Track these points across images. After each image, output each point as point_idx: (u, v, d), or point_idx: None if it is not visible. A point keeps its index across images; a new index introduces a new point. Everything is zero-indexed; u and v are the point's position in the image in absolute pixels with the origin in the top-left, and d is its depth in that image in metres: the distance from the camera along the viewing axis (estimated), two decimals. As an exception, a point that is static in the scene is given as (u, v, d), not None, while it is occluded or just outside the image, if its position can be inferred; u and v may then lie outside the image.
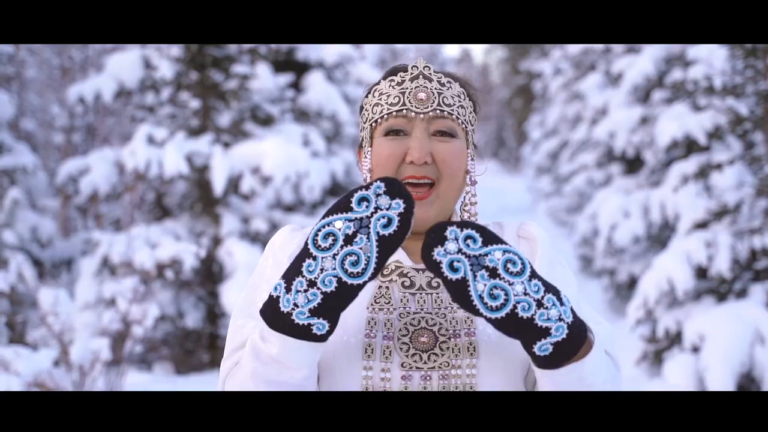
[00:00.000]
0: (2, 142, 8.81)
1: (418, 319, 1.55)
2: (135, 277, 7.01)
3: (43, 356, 6.21)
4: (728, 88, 8.34)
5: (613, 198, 10.90)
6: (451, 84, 1.66)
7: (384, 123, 1.62)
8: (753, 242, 7.64)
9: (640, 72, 11.10)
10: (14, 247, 8.32)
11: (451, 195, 1.64)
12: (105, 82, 8.90)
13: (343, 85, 12.41)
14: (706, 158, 8.45)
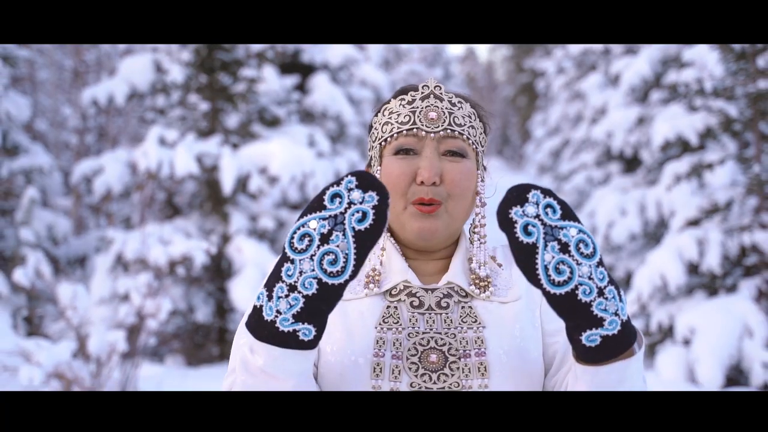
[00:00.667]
0: (19, 144, 9.12)
1: (428, 339, 1.54)
2: (148, 273, 7.31)
3: (62, 348, 6.51)
4: (719, 90, 8.62)
5: (610, 196, 11.15)
6: (462, 104, 1.66)
7: (394, 142, 1.62)
8: (743, 239, 7.92)
9: (637, 73, 11.36)
10: (31, 244, 8.64)
11: (460, 215, 1.63)
12: (117, 85, 9.21)
13: (348, 87, 12.67)
14: (698, 158, 8.72)
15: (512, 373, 1.53)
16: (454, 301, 1.59)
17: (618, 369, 1.37)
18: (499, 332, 1.56)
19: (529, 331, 1.59)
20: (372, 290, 1.59)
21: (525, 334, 1.58)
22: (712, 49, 8.72)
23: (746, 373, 7.41)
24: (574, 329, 1.34)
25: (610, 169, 13.65)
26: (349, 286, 1.52)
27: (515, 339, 1.56)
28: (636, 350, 1.38)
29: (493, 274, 1.66)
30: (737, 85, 8.29)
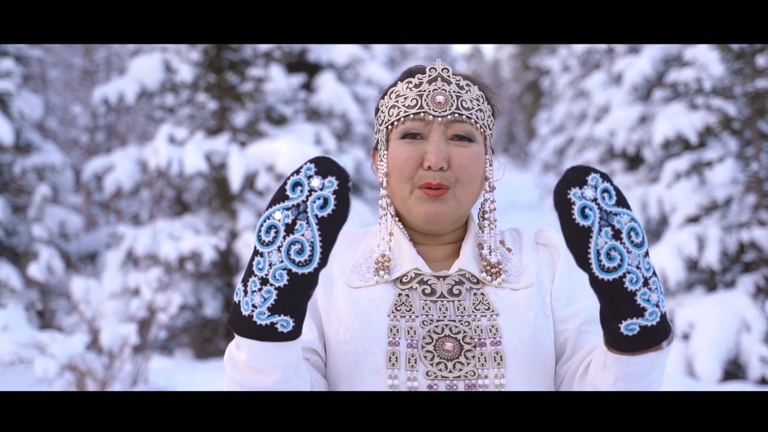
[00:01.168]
0: (31, 142, 9.30)
1: (442, 327, 1.52)
2: (159, 268, 7.49)
3: (76, 341, 6.69)
4: (718, 90, 8.77)
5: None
6: (470, 87, 1.63)
7: (400, 126, 1.61)
8: (741, 236, 8.06)
9: (639, 72, 11.50)
10: (44, 240, 8.83)
11: (467, 199, 1.61)
12: (128, 84, 9.39)
13: (354, 85, 12.82)
14: (698, 156, 8.86)
15: (527, 362, 1.52)
16: (465, 288, 1.58)
17: (649, 360, 1.36)
18: (512, 320, 1.54)
19: (541, 318, 1.57)
20: (382, 277, 1.57)
21: (538, 321, 1.57)
22: (712, 49, 8.86)
23: (744, 367, 7.55)
24: (614, 317, 1.33)
25: (613, 167, 13.80)
26: (359, 273, 1.61)
27: (529, 327, 1.55)
28: (664, 345, 1.37)
29: (504, 259, 1.64)
30: (736, 85, 8.44)
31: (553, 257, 1.66)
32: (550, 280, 1.63)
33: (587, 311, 1.61)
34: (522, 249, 1.67)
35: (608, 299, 1.32)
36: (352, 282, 1.60)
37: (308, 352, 1.55)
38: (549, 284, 1.63)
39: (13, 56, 9.12)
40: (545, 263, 1.65)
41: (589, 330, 1.59)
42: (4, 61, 8.91)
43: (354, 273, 1.61)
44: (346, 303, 1.57)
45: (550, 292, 1.63)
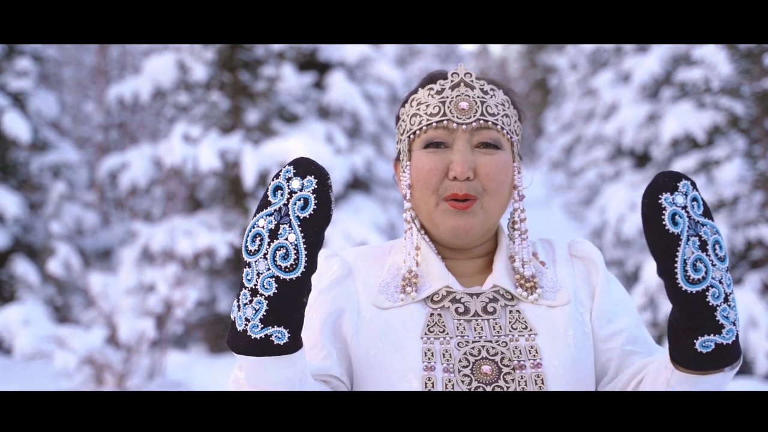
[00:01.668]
0: (48, 140, 9.45)
1: (478, 349, 1.45)
2: (175, 264, 7.63)
3: (94, 335, 6.85)
4: (726, 89, 8.87)
5: (621, 192, 11.39)
6: (495, 92, 1.57)
7: (423, 135, 1.54)
8: (749, 233, 8.17)
9: (648, 71, 11.56)
10: (61, 237, 8.98)
11: (496, 210, 1.54)
12: (143, 83, 9.53)
13: (364, 84, 12.92)
14: (705, 155, 8.96)
15: (569, 385, 1.45)
16: (500, 306, 1.51)
17: (717, 381, 1.31)
18: (551, 340, 1.48)
19: (580, 337, 1.50)
20: (409, 294, 1.50)
21: (577, 341, 1.49)
22: (720, 49, 8.95)
23: (750, 363, 7.66)
24: (691, 332, 1.27)
25: (621, 165, 13.87)
26: (386, 293, 1.52)
27: (569, 347, 1.48)
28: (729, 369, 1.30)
29: (538, 273, 1.57)
30: (744, 84, 8.54)
31: (589, 271, 1.59)
32: (589, 296, 1.56)
33: (630, 329, 1.55)
34: (556, 262, 1.60)
35: (688, 313, 1.26)
36: (381, 303, 1.51)
37: (326, 377, 1.47)
38: (587, 300, 1.56)
39: (30, 55, 9.26)
40: (581, 277, 1.59)
41: (635, 349, 1.54)
42: (21, 60, 9.06)
43: (382, 293, 1.53)
44: (375, 325, 1.49)
45: (589, 310, 1.55)
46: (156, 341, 7.09)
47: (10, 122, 8.58)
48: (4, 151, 9.07)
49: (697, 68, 9.43)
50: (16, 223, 8.80)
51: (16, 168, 9.21)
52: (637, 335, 1.54)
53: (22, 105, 9.11)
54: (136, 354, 6.92)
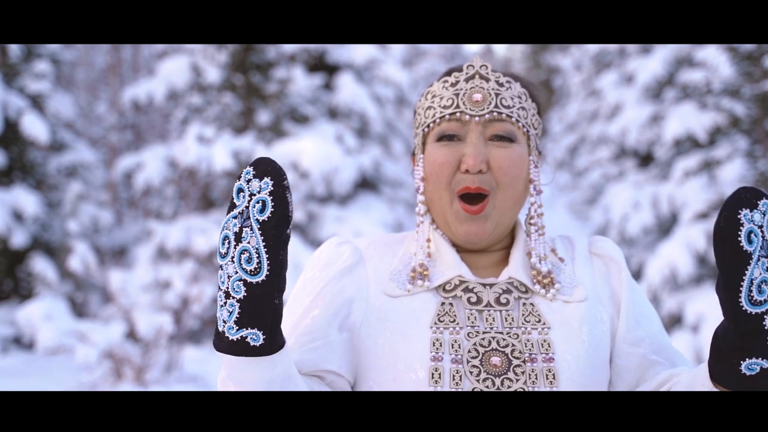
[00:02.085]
0: (64, 140, 9.68)
1: (489, 340, 1.42)
2: (191, 260, 7.85)
3: (114, 330, 7.06)
4: (727, 90, 9.07)
5: (624, 191, 11.58)
6: (511, 84, 1.54)
7: (436, 127, 1.52)
8: (748, 232, 8.35)
9: (651, 72, 11.74)
10: (78, 235, 9.21)
11: (509, 206, 1.52)
12: (157, 85, 9.75)
13: (371, 85, 13.12)
14: (707, 155, 9.16)
15: (581, 382, 1.42)
16: (514, 298, 1.48)
17: None
18: (566, 335, 1.44)
19: (596, 335, 1.47)
20: (420, 286, 1.48)
21: (592, 338, 1.46)
22: (722, 52, 9.15)
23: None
24: (739, 352, 1.24)
25: (625, 165, 14.05)
26: (398, 281, 1.50)
27: (583, 344, 1.44)
28: None
29: (556, 269, 1.55)
30: (744, 86, 8.73)
31: (609, 270, 1.57)
32: (609, 296, 1.54)
33: (656, 336, 1.54)
34: (575, 259, 1.58)
35: (742, 332, 1.22)
36: (391, 291, 1.49)
37: (320, 372, 1.47)
38: (607, 300, 1.54)
39: (47, 58, 9.49)
40: (600, 276, 1.57)
41: (659, 359, 1.52)
42: (39, 63, 9.29)
43: (393, 281, 1.51)
44: (384, 314, 1.47)
45: (609, 310, 1.53)
46: (173, 336, 7.30)
47: (29, 124, 8.80)
48: (23, 152, 9.30)
49: (699, 70, 9.63)
50: (34, 222, 9.03)
51: (34, 168, 9.43)
52: (662, 344, 1.53)
53: (40, 107, 9.33)
54: (154, 348, 7.13)
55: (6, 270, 9.14)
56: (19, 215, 8.81)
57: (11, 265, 9.15)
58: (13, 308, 8.89)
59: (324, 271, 1.51)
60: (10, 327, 8.66)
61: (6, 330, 8.61)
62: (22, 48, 9.29)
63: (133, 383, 6.99)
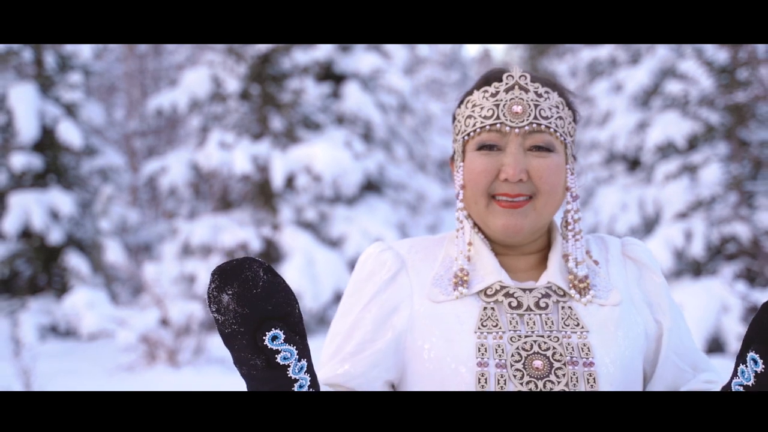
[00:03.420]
0: (94, 146, 10.50)
1: (530, 343, 1.44)
2: (218, 254, 8.66)
3: (149, 317, 7.86)
4: (705, 100, 9.88)
5: (613, 194, 12.34)
6: (549, 94, 1.55)
7: (477, 137, 1.54)
8: (724, 230, 9.15)
9: (638, 83, 12.50)
10: (109, 233, 10.03)
11: (548, 210, 1.53)
12: (180, 95, 10.56)
13: (376, 94, 13.85)
14: (686, 159, 9.96)
15: (619, 385, 1.44)
16: (552, 301, 1.50)
17: None
18: (603, 338, 1.46)
19: (631, 338, 1.49)
20: (462, 294, 1.50)
21: (628, 342, 1.48)
22: (700, 65, 9.95)
23: (724, 344, 8.61)
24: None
25: (615, 169, 14.76)
26: (440, 286, 1.54)
27: (619, 347, 1.46)
28: None
29: (591, 273, 1.57)
30: (720, 97, 9.55)
31: (643, 275, 1.59)
32: (643, 301, 1.55)
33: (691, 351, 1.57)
34: (609, 261, 1.60)
35: None
36: (435, 296, 1.52)
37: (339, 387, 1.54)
38: (642, 305, 1.55)
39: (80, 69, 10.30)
40: (634, 279, 1.58)
41: (691, 372, 1.56)
42: (73, 75, 10.10)
43: (436, 286, 1.54)
44: (428, 319, 1.49)
45: (647, 315, 1.55)
46: (203, 322, 8.09)
47: (65, 130, 9.61)
48: (57, 156, 10.11)
49: (679, 81, 10.44)
50: (69, 221, 9.84)
51: (67, 171, 10.24)
52: (697, 359, 1.57)
53: (74, 115, 10.14)
54: (185, 333, 7.91)
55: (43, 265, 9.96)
56: (56, 214, 9.60)
57: (47, 261, 9.96)
58: (49, 301, 9.70)
59: (369, 283, 1.56)
60: (46, 317, 9.46)
61: (43, 319, 9.41)
62: (57, 60, 10.10)
63: (166, 364, 7.78)
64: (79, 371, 7.61)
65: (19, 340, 8.48)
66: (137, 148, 14.67)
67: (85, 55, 10.10)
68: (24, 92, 9.53)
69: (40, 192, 9.63)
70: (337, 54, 11.82)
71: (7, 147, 9.84)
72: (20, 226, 9.42)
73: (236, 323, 1.19)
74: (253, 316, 1.19)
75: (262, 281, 1.19)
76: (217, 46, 10.69)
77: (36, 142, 9.83)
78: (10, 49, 9.70)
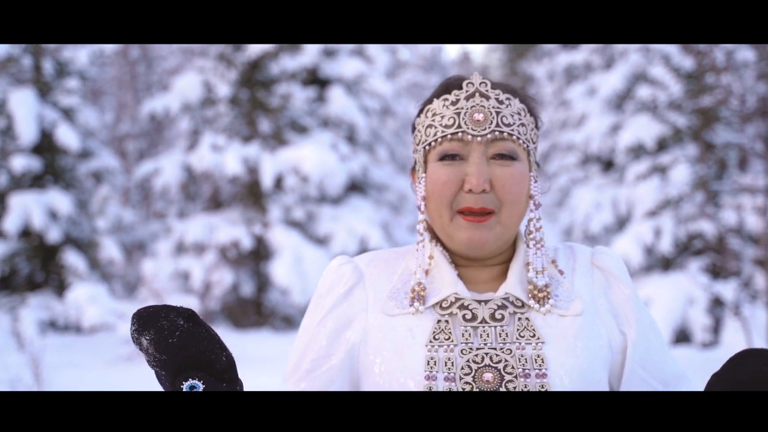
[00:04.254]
0: (90, 148, 10.93)
1: (482, 356, 1.41)
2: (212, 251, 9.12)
3: (148, 310, 8.31)
4: (673, 104, 10.44)
5: (588, 194, 12.87)
6: (510, 100, 1.51)
7: (438, 147, 1.49)
8: (690, 227, 9.70)
9: (611, 87, 13.01)
10: (104, 232, 10.46)
11: (513, 222, 1.49)
12: (172, 99, 11.00)
13: (360, 98, 14.29)
14: (654, 161, 10.51)
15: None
16: (509, 313, 1.46)
17: None
18: (560, 350, 1.42)
19: (593, 350, 1.44)
20: (418, 309, 1.47)
21: (588, 353, 1.43)
22: (668, 71, 10.52)
23: (690, 334, 9.16)
24: None
25: (590, 170, 15.26)
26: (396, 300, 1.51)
27: (577, 359, 1.42)
28: None
29: (554, 282, 1.52)
30: (687, 101, 10.11)
31: (610, 284, 1.53)
32: (608, 311, 1.50)
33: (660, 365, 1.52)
34: (575, 270, 1.55)
35: None
36: (389, 310, 1.49)
37: None
38: (606, 315, 1.49)
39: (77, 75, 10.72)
40: (600, 289, 1.53)
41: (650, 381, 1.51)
42: (70, 80, 10.53)
43: (391, 300, 1.51)
44: (381, 333, 1.47)
45: (612, 327, 1.49)
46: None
47: (62, 134, 10.04)
48: (54, 158, 10.52)
49: (649, 86, 11.00)
50: (67, 221, 10.25)
51: (65, 173, 10.65)
52: (667, 374, 1.53)
53: (71, 118, 10.56)
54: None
55: (41, 263, 10.37)
56: (54, 214, 10.02)
57: (45, 259, 10.37)
58: (48, 297, 10.11)
59: (326, 298, 1.53)
60: (45, 312, 9.87)
61: (43, 314, 9.81)
62: (54, 66, 10.51)
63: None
64: (81, 363, 8.03)
65: (20, 335, 8.88)
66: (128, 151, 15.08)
67: (81, 60, 10.53)
68: (23, 97, 9.94)
69: (39, 193, 10.05)
70: (322, 59, 12.28)
71: (8, 150, 10.25)
72: (20, 226, 9.83)
73: (157, 366, 1.22)
74: (172, 363, 1.20)
75: (179, 330, 1.20)
76: (209, 52, 11.14)
77: (35, 144, 10.25)
78: (10, 56, 10.11)
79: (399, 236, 13.63)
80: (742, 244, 9.54)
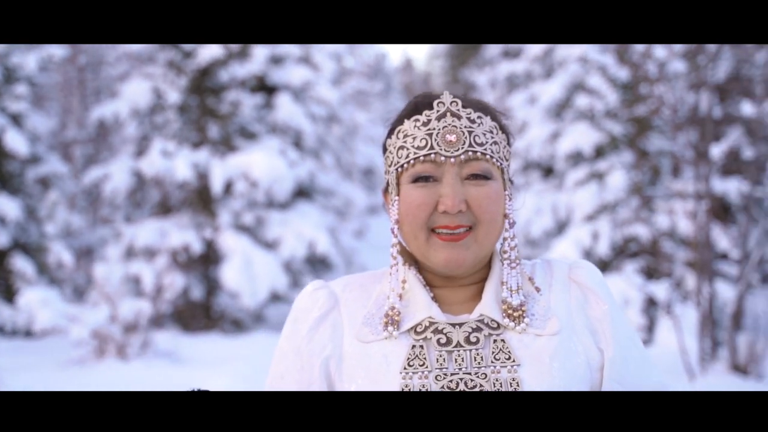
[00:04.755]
0: (39, 153, 10.97)
1: (456, 381, 1.39)
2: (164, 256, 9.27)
3: (100, 314, 8.42)
4: (610, 113, 10.90)
5: (529, 199, 13.24)
6: (482, 119, 1.48)
7: (411, 169, 1.47)
8: (626, 231, 10.14)
9: (551, 96, 13.43)
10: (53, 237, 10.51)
11: (489, 240, 1.47)
12: (122, 106, 11.11)
13: (307, 105, 14.52)
14: (592, 167, 10.95)
15: None
16: (484, 335, 1.44)
17: None
18: (535, 371, 1.41)
19: (569, 369, 1.43)
20: (391, 334, 1.45)
21: (564, 373, 1.42)
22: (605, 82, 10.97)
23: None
24: None
25: (530, 176, 15.71)
26: (371, 326, 1.48)
27: (553, 379, 1.40)
28: None
29: (530, 300, 1.50)
30: (623, 110, 10.58)
31: (587, 299, 1.51)
32: (586, 327, 1.48)
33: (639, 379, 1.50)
34: (552, 286, 1.53)
35: None
36: (364, 336, 1.47)
37: None
38: (584, 331, 1.47)
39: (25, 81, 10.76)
40: (577, 304, 1.51)
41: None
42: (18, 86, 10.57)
43: (366, 326, 1.49)
44: (356, 360, 1.46)
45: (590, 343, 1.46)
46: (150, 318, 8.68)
47: (11, 139, 10.08)
48: (2, 164, 10.55)
49: (589, 95, 11.45)
50: (15, 226, 10.29)
51: (13, 178, 10.68)
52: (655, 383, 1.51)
53: (19, 124, 10.60)
54: (133, 329, 8.49)
55: (-11, 268, 10.40)
56: (2, 219, 10.05)
57: (-7, 265, 10.40)
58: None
59: (301, 323, 1.51)
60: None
61: (-11, 320, 9.86)
62: (2, 72, 10.54)
63: (115, 358, 8.35)
64: (33, 366, 8.12)
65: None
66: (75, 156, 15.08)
67: (30, 66, 10.57)
68: (-29, 102, 9.99)
69: (-14, 198, 10.08)
70: (269, 67, 12.47)
71: (-45, 155, 10.27)
72: (-33, 231, 9.85)
73: None
74: None
75: None
76: (158, 59, 11.27)
77: (-18, 150, 10.29)
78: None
79: (345, 241, 13.89)
80: (675, 246, 9.97)
